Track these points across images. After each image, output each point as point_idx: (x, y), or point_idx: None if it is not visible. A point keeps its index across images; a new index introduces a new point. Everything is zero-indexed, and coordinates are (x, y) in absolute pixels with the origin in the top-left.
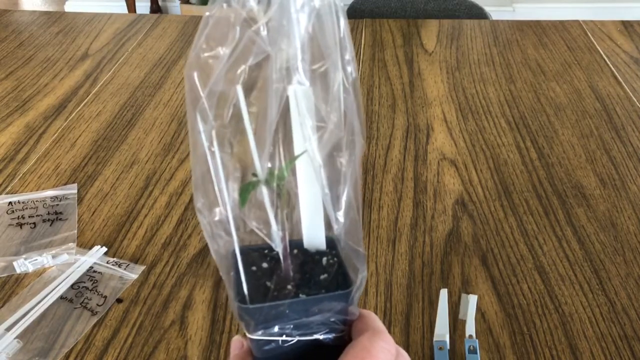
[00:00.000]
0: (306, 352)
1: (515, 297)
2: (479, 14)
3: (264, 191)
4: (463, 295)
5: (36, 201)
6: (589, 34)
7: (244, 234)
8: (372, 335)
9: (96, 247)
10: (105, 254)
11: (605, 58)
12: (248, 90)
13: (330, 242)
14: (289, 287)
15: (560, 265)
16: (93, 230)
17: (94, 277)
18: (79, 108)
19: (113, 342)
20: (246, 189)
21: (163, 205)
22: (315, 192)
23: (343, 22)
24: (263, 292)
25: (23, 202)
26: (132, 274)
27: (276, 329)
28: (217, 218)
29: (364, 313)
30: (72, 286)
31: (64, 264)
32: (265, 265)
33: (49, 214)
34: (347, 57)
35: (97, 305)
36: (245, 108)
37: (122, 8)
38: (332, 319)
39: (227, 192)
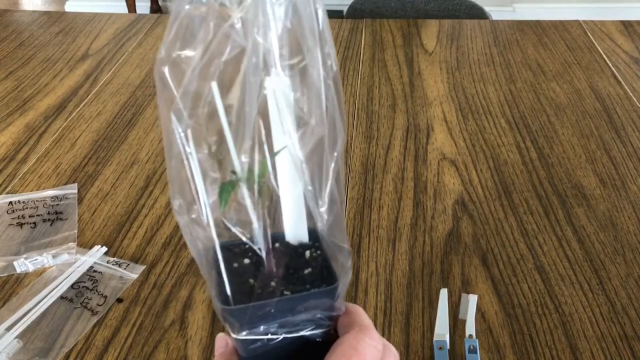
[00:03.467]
0: (292, 348)
1: (515, 297)
2: (479, 14)
3: (244, 189)
4: (463, 295)
5: (36, 201)
6: (589, 34)
7: (223, 230)
8: (359, 332)
9: (96, 247)
10: (106, 253)
11: (605, 58)
12: (225, 86)
13: (313, 233)
14: (273, 284)
15: (560, 265)
16: (93, 230)
17: (94, 276)
18: (79, 108)
19: (113, 342)
20: (226, 189)
21: (163, 205)
22: (297, 185)
23: (321, 14)
24: (246, 291)
25: (23, 202)
26: (132, 273)
27: (261, 328)
28: (194, 216)
29: (350, 308)
30: (72, 286)
31: (64, 263)
32: (246, 261)
33: (49, 213)
34: (327, 50)
35: (97, 305)
36: (222, 105)
37: (122, 8)
38: (318, 315)
39: (205, 193)
